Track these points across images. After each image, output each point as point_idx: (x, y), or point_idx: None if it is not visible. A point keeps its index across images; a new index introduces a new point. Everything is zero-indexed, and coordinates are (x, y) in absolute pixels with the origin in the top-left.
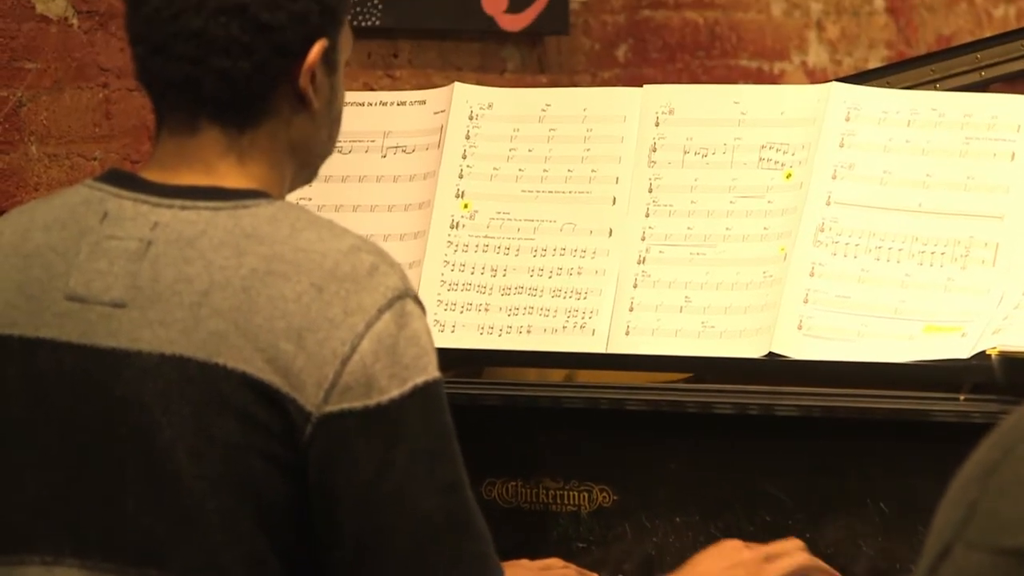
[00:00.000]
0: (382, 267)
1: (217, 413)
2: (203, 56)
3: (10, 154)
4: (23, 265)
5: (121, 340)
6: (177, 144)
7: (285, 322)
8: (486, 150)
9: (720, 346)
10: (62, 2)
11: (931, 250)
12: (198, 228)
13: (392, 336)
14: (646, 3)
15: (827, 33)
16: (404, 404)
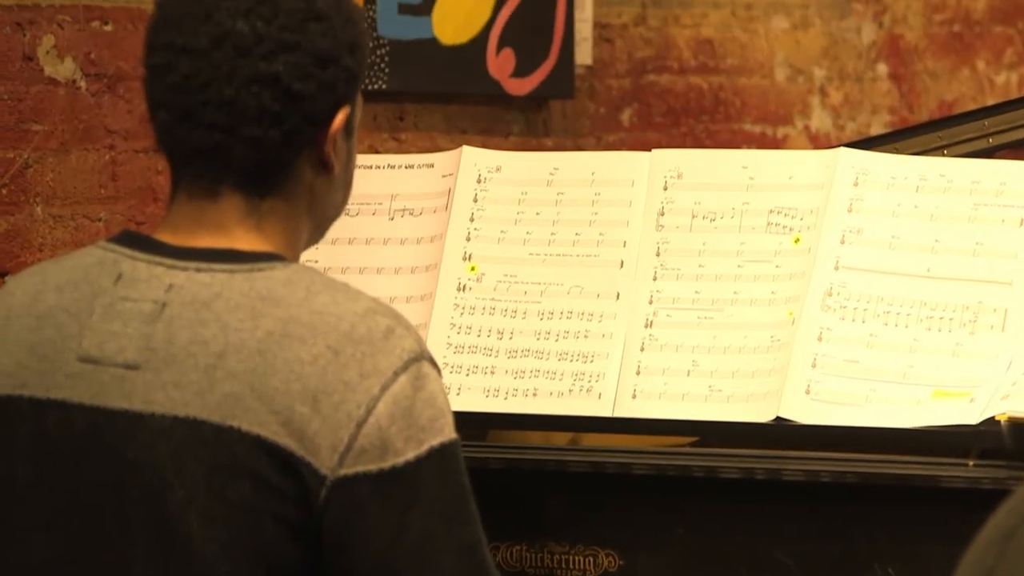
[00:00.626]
0: (398, 329)
1: (230, 476)
2: (234, 125)
3: (15, 215)
4: (36, 326)
5: (134, 402)
6: (195, 208)
7: (301, 385)
8: (494, 213)
9: (727, 410)
10: (70, 64)
11: (940, 315)
12: (213, 290)
13: (408, 398)
14: (651, 68)
15: (830, 99)
16: (421, 466)
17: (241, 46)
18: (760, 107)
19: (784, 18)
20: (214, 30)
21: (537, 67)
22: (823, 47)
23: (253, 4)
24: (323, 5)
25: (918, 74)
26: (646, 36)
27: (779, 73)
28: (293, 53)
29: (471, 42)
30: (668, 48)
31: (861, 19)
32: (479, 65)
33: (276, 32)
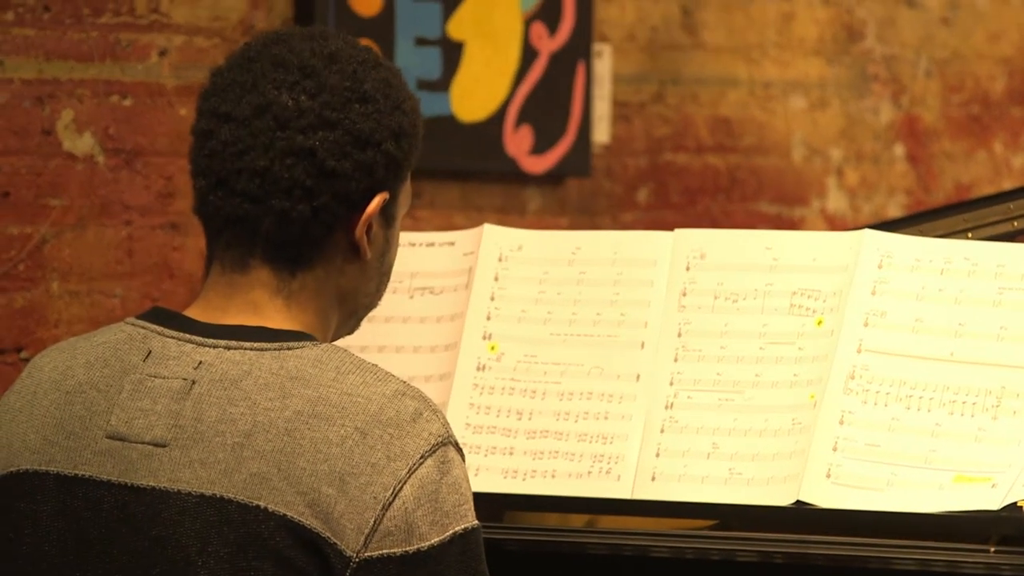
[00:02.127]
0: (425, 413)
1: (255, 556)
2: (265, 195)
3: (32, 291)
4: (64, 401)
5: (161, 480)
6: (227, 283)
7: (328, 466)
8: (515, 292)
9: (747, 494)
10: (89, 140)
11: (962, 399)
12: (243, 368)
13: (434, 483)
14: (668, 146)
15: (847, 179)
16: (444, 551)
17: (281, 117)
18: (777, 187)
19: (802, 97)
20: (257, 99)
21: (554, 144)
22: (840, 127)
23: (299, 78)
24: (371, 88)
25: (935, 156)
26: (664, 114)
27: (796, 153)
28: (332, 131)
29: (489, 119)
30: (686, 127)
31: (879, 100)
32: (496, 142)
33: (318, 108)
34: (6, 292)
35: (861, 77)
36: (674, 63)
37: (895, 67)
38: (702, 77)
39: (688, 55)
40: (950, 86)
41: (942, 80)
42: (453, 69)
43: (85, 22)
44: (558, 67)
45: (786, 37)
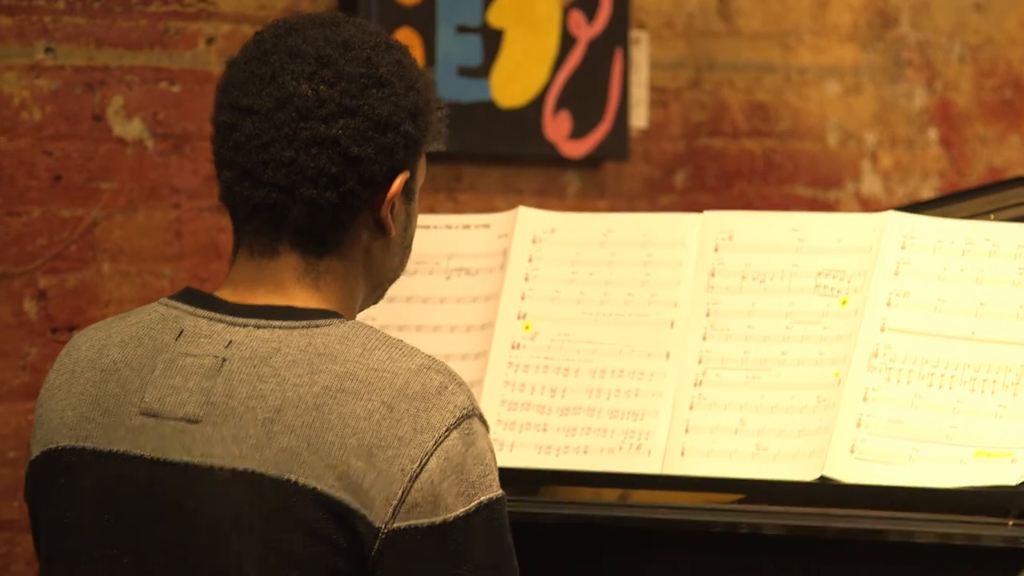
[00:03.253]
0: (450, 386)
1: (286, 528)
2: (292, 185)
3: (83, 272)
4: (99, 380)
5: (194, 455)
6: (255, 266)
7: (356, 439)
8: (548, 273)
9: (773, 469)
10: (138, 125)
11: (983, 377)
12: (272, 346)
13: (460, 454)
14: (704, 131)
15: (881, 163)
16: (470, 522)
17: (303, 109)
18: (811, 171)
19: (837, 83)
20: (278, 92)
21: (593, 129)
22: (875, 112)
23: (317, 68)
24: (386, 72)
25: (968, 140)
26: (700, 100)
27: (831, 137)
28: (353, 118)
29: (528, 104)
30: (722, 112)
31: (912, 85)
32: (536, 127)
33: (337, 96)
34: (59, 273)
35: (895, 62)
36: (710, 49)
37: (928, 52)
38: (738, 63)
39: (724, 42)
40: (983, 71)
41: (975, 65)
42: (493, 56)
43: (134, 11)
44: (596, 54)
45: (821, 23)
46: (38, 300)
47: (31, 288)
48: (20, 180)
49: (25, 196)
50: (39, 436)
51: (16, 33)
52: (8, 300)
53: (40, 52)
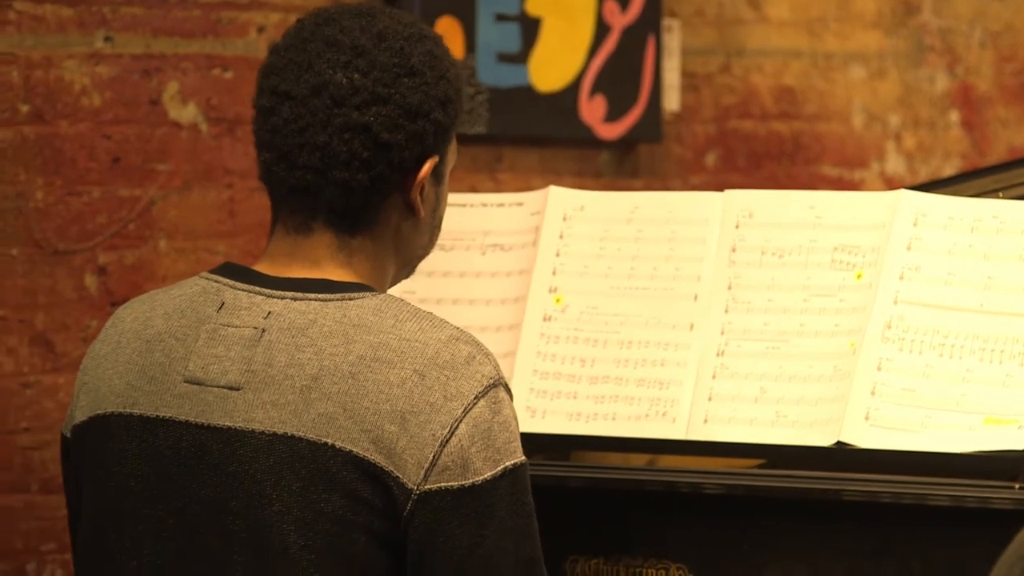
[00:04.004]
0: (478, 357)
1: (324, 489)
2: (326, 168)
3: (141, 248)
4: (145, 349)
5: (236, 420)
6: (291, 243)
7: (390, 406)
8: (578, 249)
9: (792, 435)
10: (193, 109)
11: (991, 347)
12: (308, 317)
13: (487, 421)
14: (735, 114)
15: (904, 144)
16: (496, 484)
17: (337, 96)
18: (838, 152)
19: (861, 67)
20: (314, 79)
21: (627, 112)
22: (898, 95)
23: (351, 57)
24: (417, 62)
25: (989, 121)
26: (730, 84)
27: (856, 120)
28: (385, 105)
29: (565, 89)
30: (751, 95)
31: (934, 69)
32: (572, 110)
33: (371, 85)
34: (118, 250)
35: (917, 48)
36: (740, 36)
37: (950, 39)
38: (766, 49)
39: (753, 29)
40: (1003, 56)
41: (995, 51)
42: (531, 43)
43: (189, 1)
44: (630, 41)
45: (846, 11)
46: (98, 275)
47: (92, 264)
48: (81, 162)
49: (86, 177)
50: (85, 402)
51: (77, 23)
52: (70, 276)
53: (99, 41)
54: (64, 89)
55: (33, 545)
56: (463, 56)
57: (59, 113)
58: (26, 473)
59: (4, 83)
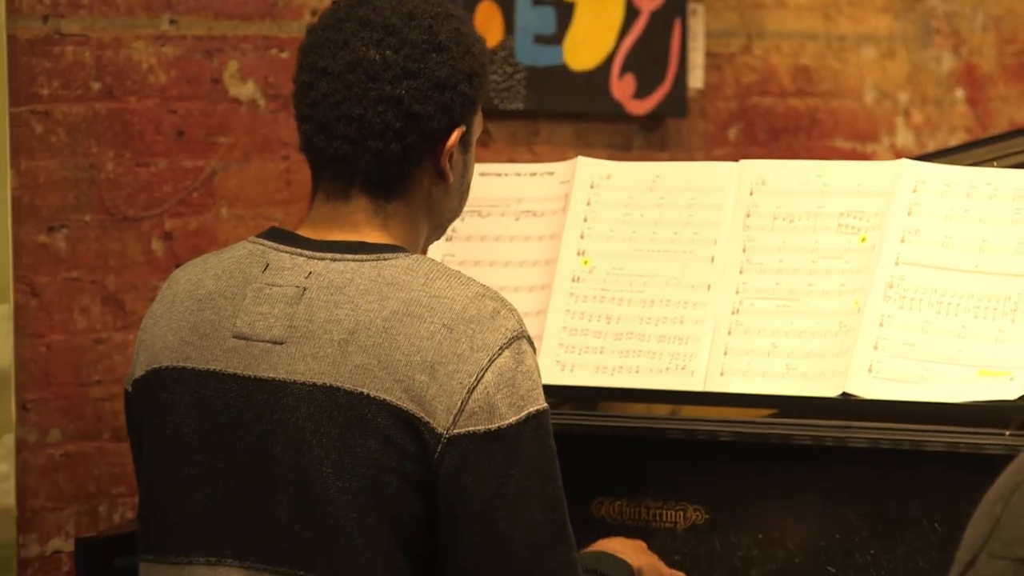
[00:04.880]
0: (502, 311)
1: (360, 435)
2: (361, 138)
3: (204, 215)
4: (197, 308)
5: (279, 372)
6: (331, 208)
7: (420, 357)
8: (604, 215)
9: (801, 386)
10: (251, 86)
11: (985, 305)
12: (346, 277)
13: (511, 371)
14: (755, 91)
15: (913, 119)
16: (520, 429)
17: (371, 71)
18: (851, 126)
19: (873, 48)
20: (349, 56)
21: (655, 90)
22: (907, 74)
23: (383, 35)
24: (445, 38)
25: (991, 98)
26: (751, 64)
27: (868, 97)
28: (415, 79)
29: (597, 68)
30: (770, 74)
31: (941, 50)
32: (604, 88)
33: (402, 60)
34: (182, 216)
35: (925, 31)
36: (759, 20)
37: (955, 22)
38: (784, 31)
39: (772, 12)
40: (1004, 39)
41: (997, 33)
42: (566, 26)
43: None
44: (657, 23)
45: None
46: (164, 240)
47: (158, 230)
48: (148, 135)
49: (153, 149)
50: (143, 358)
51: (144, 7)
52: (138, 240)
53: (165, 23)
54: (133, 68)
55: (104, 489)
56: (502, 38)
57: (128, 90)
58: (98, 422)
59: (77, 63)
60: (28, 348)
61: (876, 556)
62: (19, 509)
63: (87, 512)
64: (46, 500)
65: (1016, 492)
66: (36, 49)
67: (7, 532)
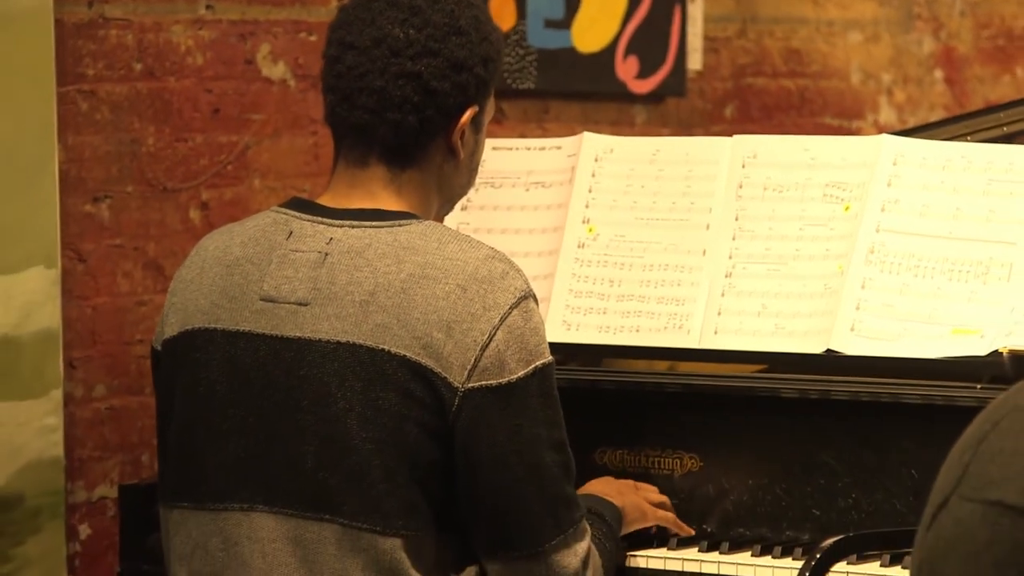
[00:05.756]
0: (511, 272)
1: (382, 388)
2: (381, 109)
3: (238, 187)
4: (225, 273)
5: (305, 331)
6: (350, 175)
7: (437, 316)
8: (607, 186)
9: (788, 344)
10: (282, 67)
11: (959, 269)
12: (365, 242)
13: (520, 328)
14: (749, 72)
15: (895, 98)
16: (528, 382)
17: (394, 47)
18: (838, 105)
19: (859, 33)
20: (375, 33)
21: (656, 71)
22: (890, 56)
23: (408, 15)
24: (465, 23)
25: (968, 79)
26: (746, 47)
27: (854, 77)
28: (435, 58)
29: (603, 51)
30: (764, 56)
31: (921, 34)
32: (609, 69)
33: (424, 40)
34: (218, 187)
35: (907, 16)
36: (754, 5)
37: (935, 8)
38: (777, 17)
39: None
40: (980, 23)
41: (974, 19)
42: (574, 10)
43: None
44: (659, 9)
45: None
46: (201, 210)
47: (195, 200)
48: (186, 113)
49: (190, 125)
50: (174, 320)
51: None
52: (177, 210)
53: (202, 9)
54: (172, 50)
55: (146, 439)
56: (515, 22)
57: (167, 71)
58: (140, 378)
59: (120, 45)
60: (75, 310)
61: (857, 500)
62: (67, 459)
63: (130, 461)
64: (92, 450)
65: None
66: (82, 32)
67: (56, 480)
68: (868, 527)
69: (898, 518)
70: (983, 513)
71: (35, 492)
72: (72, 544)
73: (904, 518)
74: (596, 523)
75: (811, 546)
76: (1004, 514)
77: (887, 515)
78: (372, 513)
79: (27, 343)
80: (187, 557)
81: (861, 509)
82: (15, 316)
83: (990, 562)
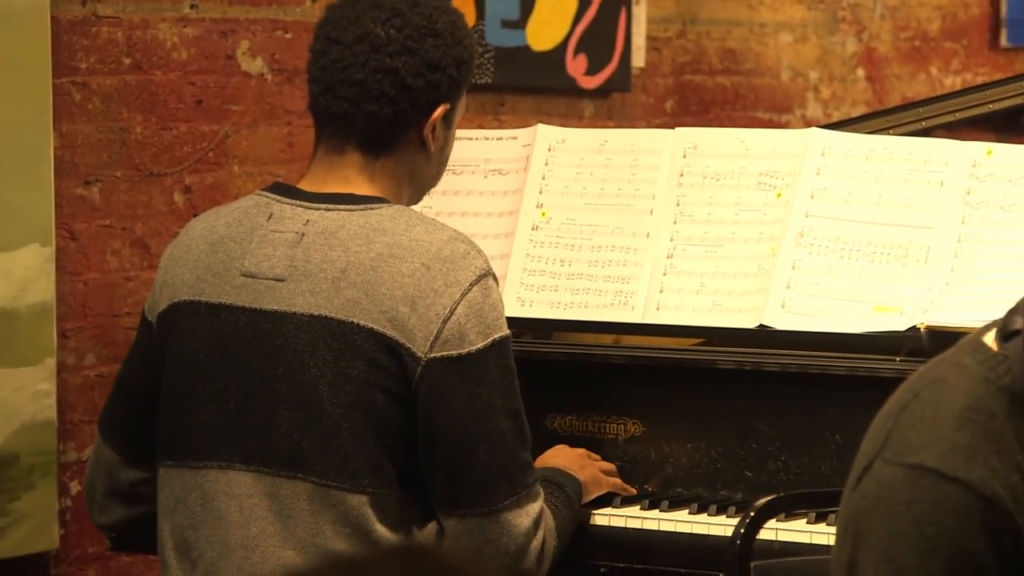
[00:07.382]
0: (472, 252)
1: (351, 358)
2: (359, 100)
3: (218, 172)
4: (210, 250)
5: (281, 304)
6: (328, 162)
7: (402, 292)
8: (559, 173)
9: (725, 319)
10: (260, 62)
11: (880, 251)
12: (338, 223)
13: (479, 303)
14: (688, 70)
15: (821, 94)
16: (486, 353)
17: (375, 44)
18: (769, 100)
19: (788, 34)
20: (359, 30)
21: (603, 68)
22: (817, 56)
23: (390, 16)
24: (441, 27)
25: (887, 77)
26: (686, 46)
27: (784, 75)
28: (412, 57)
29: (555, 49)
30: (701, 55)
31: (846, 35)
32: (560, 66)
33: (402, 39)
34: (200, 173)
35: (832, 19)
36: (693, 8)
37: (858, 12)
38: (714, 19)
39: (704, 2)
40: (899, 26)
41: (893, 22)
42: (528, 12)
43: None
44: (606, 11)
45: None
46: (184, 193)
47: (179, 184)
48: (171, 103)
49: (175, 115)
50: (166, 293)
51: None
52: (162, 193)
53: (186, 8)
54: (158, 46)
55: None
56: (474, 22)
57: (154, 64)
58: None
59: (111, 40)
60: (67, 284)
61: (786, 463)
62: (59, 421)
63: None
64: (82, 414)
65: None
66: (75, 29)
67: (49, 441)
68: (796, 488)
69: (823, 480)
70: (904, 475)
71: (29, 452)
72: (63, 499)
73: (829, 480)
74: (556, 492)
75: (744, 505)
76: (924, 476)
77: (813, 477)
78: (341, 472)
79: (23, 315)
80: (170, 512)
81: (790, 471)
82: (12, 290)
83: (911, 520)
